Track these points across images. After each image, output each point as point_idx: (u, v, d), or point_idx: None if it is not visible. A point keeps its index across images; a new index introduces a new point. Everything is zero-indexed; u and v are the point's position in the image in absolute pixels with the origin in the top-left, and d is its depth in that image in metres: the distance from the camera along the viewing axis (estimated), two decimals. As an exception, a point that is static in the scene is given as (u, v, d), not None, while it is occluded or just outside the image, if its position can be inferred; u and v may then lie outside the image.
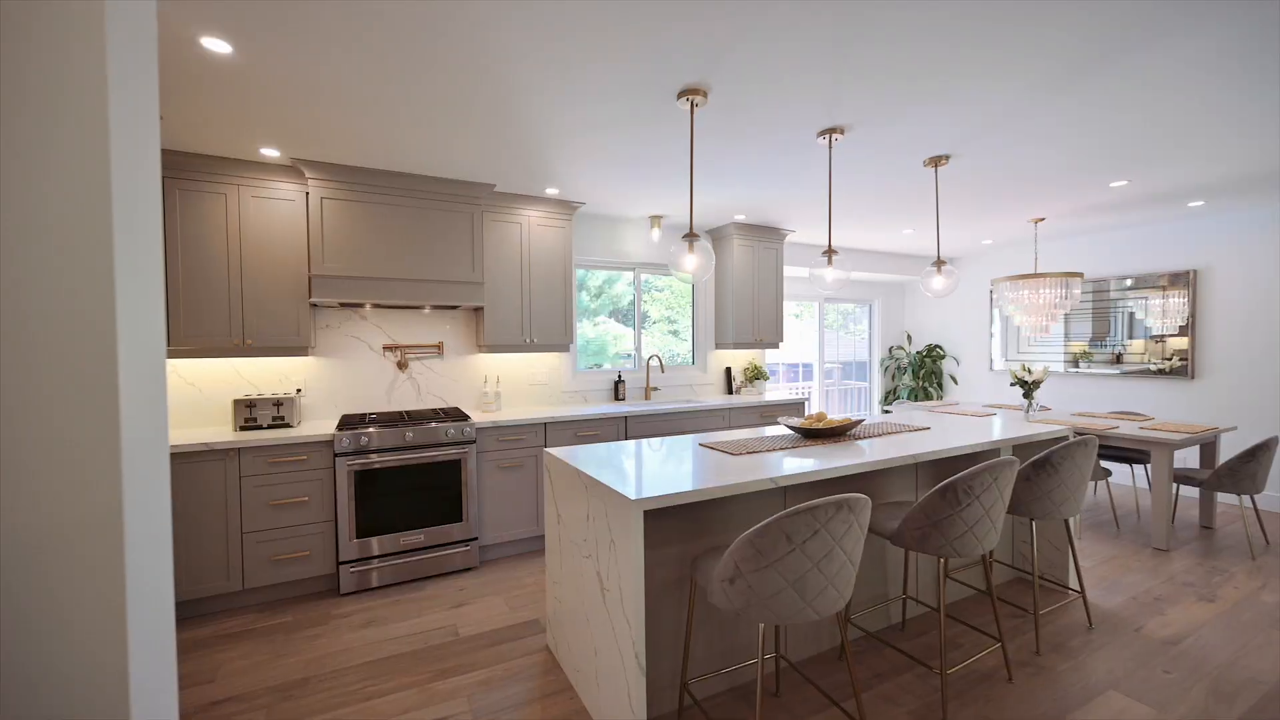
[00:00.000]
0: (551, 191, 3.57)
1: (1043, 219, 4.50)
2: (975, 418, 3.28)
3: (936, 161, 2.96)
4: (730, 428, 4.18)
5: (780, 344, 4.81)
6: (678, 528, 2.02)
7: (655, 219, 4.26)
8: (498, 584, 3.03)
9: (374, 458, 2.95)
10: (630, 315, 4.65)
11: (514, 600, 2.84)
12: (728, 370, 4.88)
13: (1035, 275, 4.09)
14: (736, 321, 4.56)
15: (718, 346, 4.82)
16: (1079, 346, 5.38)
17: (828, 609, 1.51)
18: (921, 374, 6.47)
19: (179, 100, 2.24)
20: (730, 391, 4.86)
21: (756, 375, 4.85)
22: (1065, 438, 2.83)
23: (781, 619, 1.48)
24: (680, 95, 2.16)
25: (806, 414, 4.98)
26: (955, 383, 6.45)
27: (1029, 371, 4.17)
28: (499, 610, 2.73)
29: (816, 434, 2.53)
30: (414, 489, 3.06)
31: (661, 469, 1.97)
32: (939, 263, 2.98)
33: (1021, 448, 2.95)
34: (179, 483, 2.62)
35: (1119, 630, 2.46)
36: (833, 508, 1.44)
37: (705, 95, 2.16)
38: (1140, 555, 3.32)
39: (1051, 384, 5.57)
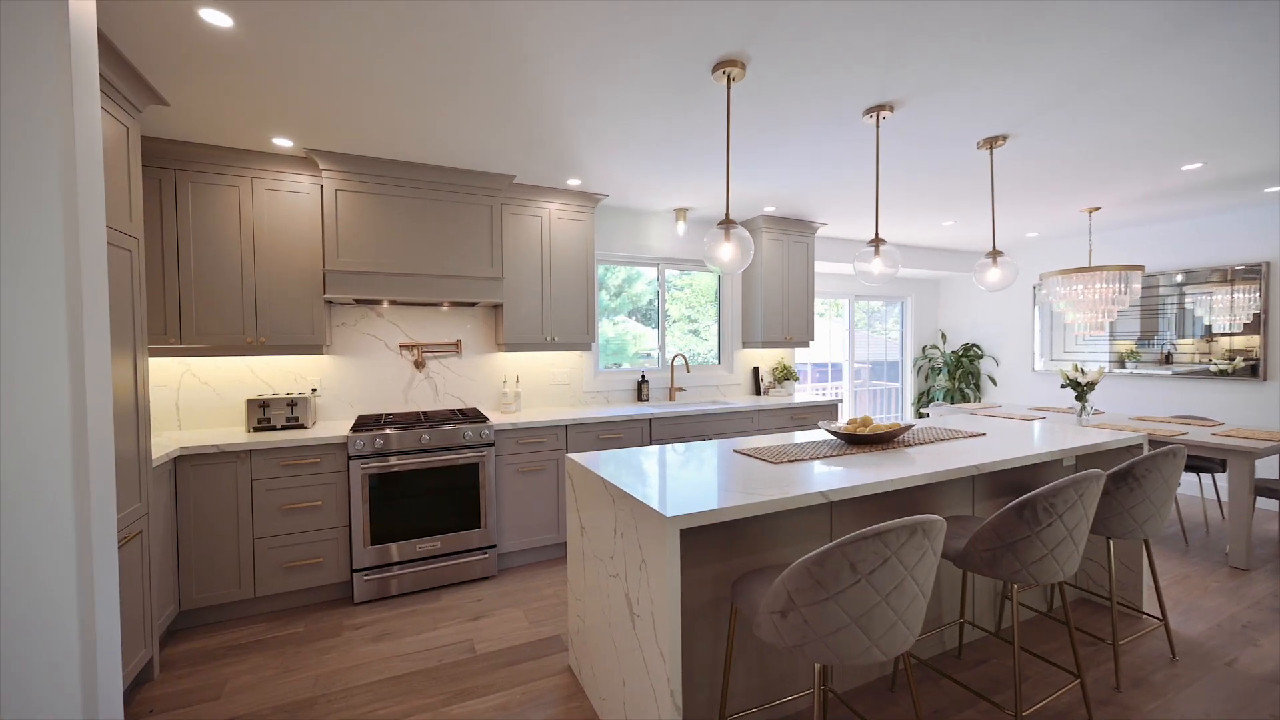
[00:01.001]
0: (573, 183, 3.40)
1: (1098, 208, 4.19)
2: (1024, 422, 3.02)
3: (992, 143, 2.71)
4: (760, 431, 3.97)
5: (811, 343, 4.58)
6: (714, 545, 1.83)
7: (681, 212, 4.07)
8: (517, 594, 2.88)
9: (389, 461, 2.82)
10: (650, 314, 4.46)
11: (534, 613, 2.68)
12: (755, 370, 4.67)
13: (1091, 269, 3.79)
14: (765, 319, 4.35)
15: (745, 345, 4.60)
16: (1125, 345, 5.03)
17: (895, 648, 1.31)
18: (958, 375, 6.15)
19: (183, 83, 2.12)
20: (758, 392, 4.64)
21: (786, 375, 4.62)
22: (1139, 446, 2.57)
23: (843, 659, 1.28)
24: (716, 68, 1.97)
25: (840, 417, 4.74)
26: (994, 384, 6.12)
27: (1082, 372, 3.87)
28: (518, 624, 2.57)
29: (862, 440, 2.31)
30: (430, 493, 2.92)
31: (695, 479, 1.78)
32: (994, 254, 2.73)
33: (1084, 458, 2.68)
34: (189, 486, 2.52)
35: (1208, 663, 2.19)
36: (905, 532, 1.23)
37: (743, 68, 1.97)
38: (1216, 575, 3.02)
39: (1097, 386, 5.22)
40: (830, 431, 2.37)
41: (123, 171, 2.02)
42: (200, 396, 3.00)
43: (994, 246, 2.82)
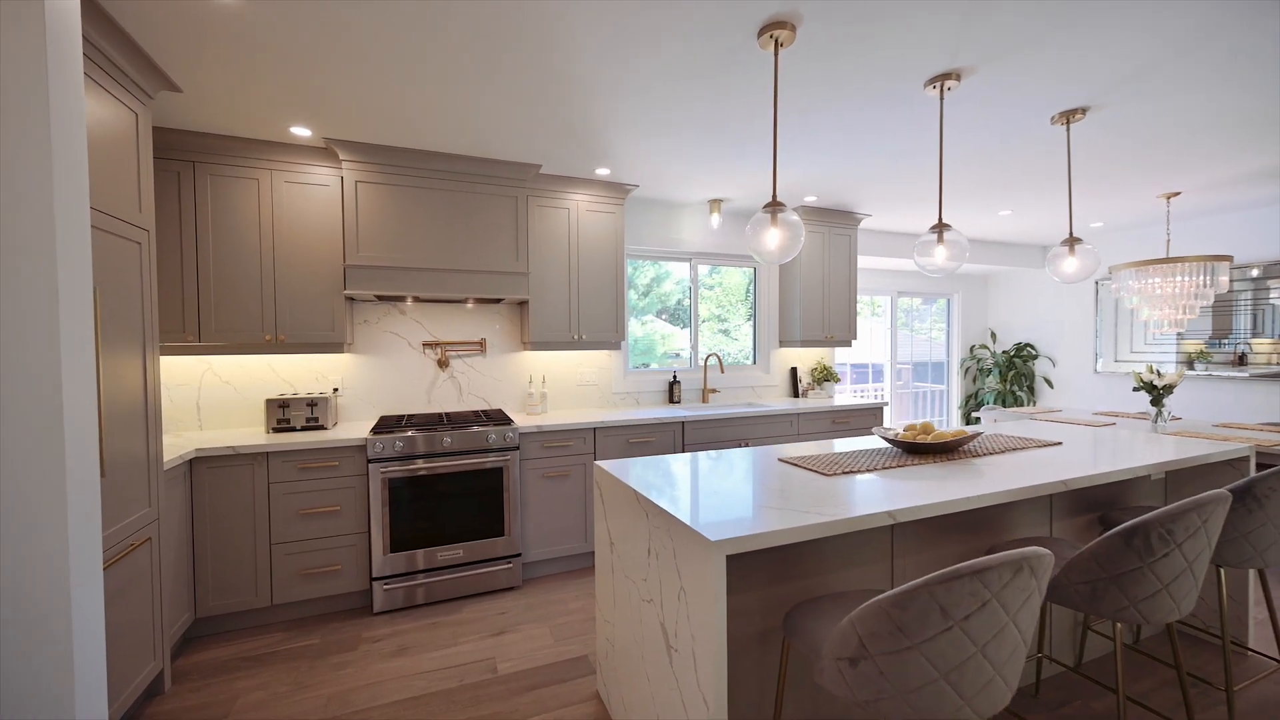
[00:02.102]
0: (602, 172, 3.23)
1: (1177, 193, 3.80)
2: (1094, 429, 2.70)
3: (1069, 116, 2.42)
4: (799, 436, 3.72)
5: (854, 342, 4.30)
6: (759, 568, 1.62)
7: (715, 203, 3.85)
8: (542, 608, 2.71)
9: (409, 464, 2.69)
10: (679, 314, 4.26)
11: (559, 629, 2.51)
12: (793, 371, 4.41)
13: (1172, 259, 3.42)
14: (804, 317, 4.09)
15: (782, 345, 4.36)
16: (1195, 345, 4.58)
17: (992, 707, 1.08)
18: (1009, 376, 5.75)
19: (196, 68, 2.02)
20: (796, 394, 4.39)
21: (826, 377, 4.35)
22: (1244, 459, 2.24)
23: (925, 718, 1.05)
24: (763, 31, 1.76)
25: (884, 420, 4.45)
26: (1050, 386, 5.70)
27: (1158, 374, 3.50)
28: (543, 642, 2.41)
29: (923, 449, 2.06)
30: (452, 499, 2.78)
31: (739, 493, 1.57)
32: (1071, 240, 2.44)
33: (1175, 473, 2.37)
34: (205, 489, 2.43)
35: (1342, 716, 1.87)
36: (1008, 570, 1.01)
37: (793, 30, 1.75)
38: (1330, 605, 2.65)
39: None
40: (887, 439, 2.13)
41: (131, 160, 1.92)
42: (221, 396, 2.93)
43: (1070, 233, 2.52)
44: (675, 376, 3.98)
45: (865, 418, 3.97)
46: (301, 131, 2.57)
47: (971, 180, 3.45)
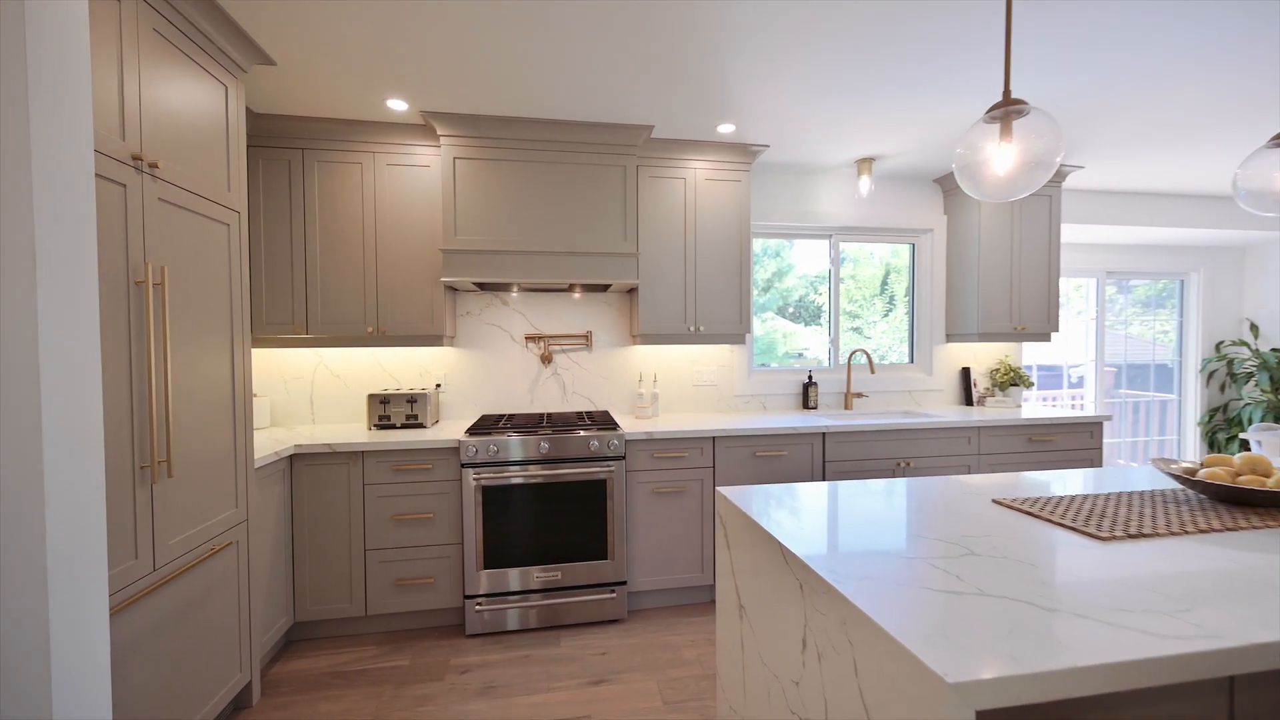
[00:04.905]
0: (725, 129, 2.69)
1: None
2: None
3: None
4: (980, 456, 2.87)
5: (1055, 334, 3.30)
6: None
7: (864, 164, 3.13)
8: (649, 652, 2.26)
9: (504, 471, 2.39)
10: (802, 310, 3.56)
11: (670, 687, 2.03)
12: (964, 372, 3.51)
13: None
14: (983, 303, 3.20)
15: (950, 339, 3.48)
16: None
17: None
18: (1285, 383, 4.19)
19: (284, 34, 1.86)
20: (969, 402, 3.48)
21: (1012, 380, 3.40)
22: None
23: None
24: None
25: (1104, 438, 3.41)
26: (1356, 398, 4.05)
27: None
28: (649, 701, 1.95)
29: (1253, 500, 1.26)
30: (550, 512, 2.44)
31: (961, 570, 0.96)
32: None
33: None
34: (303, 487, 2.32)
35: None
36: None
37: None
38: None
39: None
40: (1185, 480, 1.34)
41: (218, 136, 1.79)
42: (333, 390, 2.89)
43: None
44: (811, 377, 3.32)
45: (1075, 435, 2.99)
46: (398, 105, 2.38)
47: (1229, 101, 2.36)
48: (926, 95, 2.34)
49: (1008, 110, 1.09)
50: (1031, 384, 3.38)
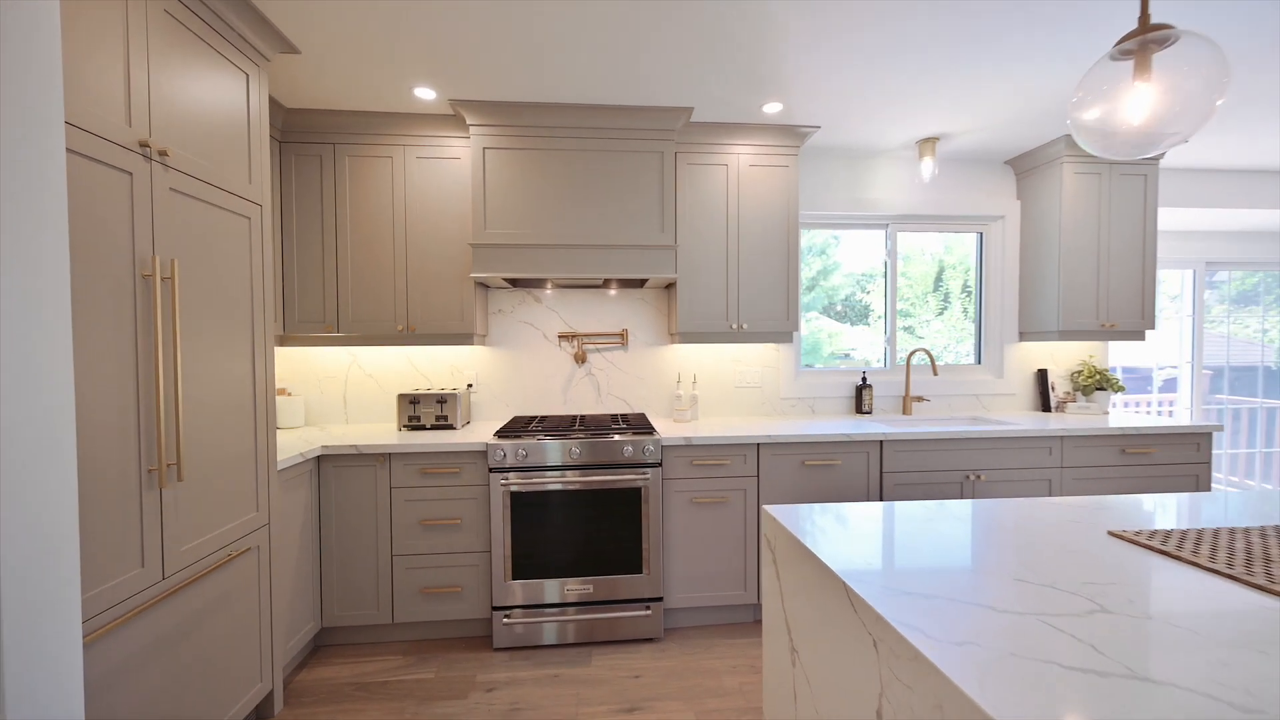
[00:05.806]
0: (771, 109, 2.48)
1: None
2: None
3: None
4: (1064, 469, 2.54)
5: (1150, 331, 2.92)
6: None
7: (927, 144, 2.84)
8: (686, 677, 2.08)
9: (532, 477, 2.26)
10: (849, 310, 3.28)
11: (708, 717, 1.84)
12: (1041, 374, 3.16)
13: None
14: (1065, 298, 2.85)
15: (1023, 338, 3.14)
16: None
17: None
18: None
19: (312, 27, 1.78)
20: (1046, 407, 3.13)
21: (1098, 383, 3.02)
22: None
23: None
24: None
25: (1214, 449, 3.03)
26: None
27: None
28: (686, 735, 1.77)
29: None
30: (582, 521, 2.29)
31: (1090, 630, 0.74)
32: None
33: None
34: (331, 490, 2.26)
35: None
36: None
37: None
38: None
39: None
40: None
41: (239, 126, 1.73)
42: (365, 389, 2.84)
43: None
44: (864, 379, 3.05)
45: (1178, 447, 2.61)
46: (426, 94, 2.29)
47: None
48: (1013, 55, 2.05)
49: (1145, 39, 0.85)
50: (1122, 388, 3.00)
